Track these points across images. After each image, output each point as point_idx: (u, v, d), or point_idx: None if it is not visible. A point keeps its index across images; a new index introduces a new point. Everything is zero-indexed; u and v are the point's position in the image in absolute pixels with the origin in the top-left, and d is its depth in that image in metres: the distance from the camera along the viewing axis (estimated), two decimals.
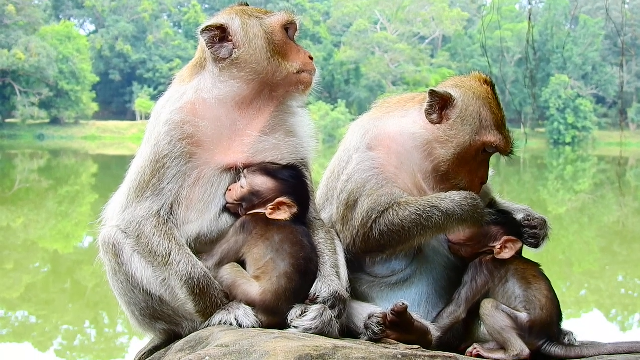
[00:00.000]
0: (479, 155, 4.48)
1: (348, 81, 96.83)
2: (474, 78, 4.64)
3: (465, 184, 4.47)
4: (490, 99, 4.51)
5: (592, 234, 27.54)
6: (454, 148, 4.41)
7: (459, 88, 4.53)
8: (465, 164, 4.45)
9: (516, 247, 4.45)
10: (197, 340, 3.91)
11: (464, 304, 4.41)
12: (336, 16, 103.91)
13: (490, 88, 4.57)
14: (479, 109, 4.44)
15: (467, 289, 4.42)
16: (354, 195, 4.47)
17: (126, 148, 65.96)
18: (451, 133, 4.42)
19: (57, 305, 16.64)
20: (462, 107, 4.43)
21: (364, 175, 4.46)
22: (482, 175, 4.54)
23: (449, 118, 4.44)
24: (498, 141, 4.45)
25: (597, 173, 56.50)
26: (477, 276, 4.43)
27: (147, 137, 4.44)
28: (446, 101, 4.44)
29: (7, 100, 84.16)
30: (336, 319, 4.12)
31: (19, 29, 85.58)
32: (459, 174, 4.46)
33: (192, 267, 4.11)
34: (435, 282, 4.61)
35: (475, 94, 4.48)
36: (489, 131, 4.43)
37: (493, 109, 4.48)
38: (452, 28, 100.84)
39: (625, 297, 19.00)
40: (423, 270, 4.60)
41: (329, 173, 4.83)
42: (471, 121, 4.41)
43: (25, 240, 23.70)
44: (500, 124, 4.49)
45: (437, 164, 4.45)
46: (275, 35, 4.46)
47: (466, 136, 4.40)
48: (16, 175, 46.55)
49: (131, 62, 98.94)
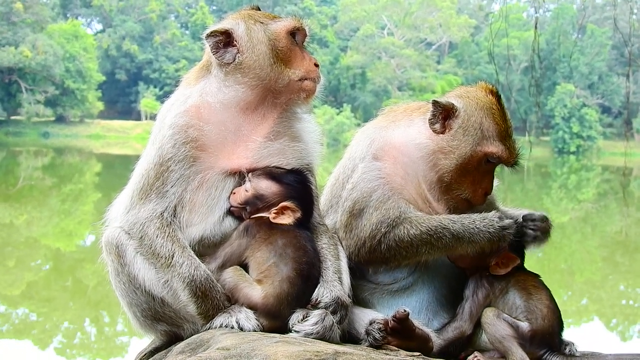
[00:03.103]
0: (482, 165, 4.45)
1: (354, 85, 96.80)
2: (479, 88, 4.60)
3: (469, 195, 4.46)
4: (494, 109, 4.47)
5: (594, 244, 27.53)
6: (456, 159, 4.39)
7: (463, 98, 4.50)
8: (468, 174, 4.43)
9: (512, 264, 4.43)
10: (198, 342, 3.92)
11: (468, 319, 4.40)
12: (343, 20, 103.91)
13: (496, 98, 4.53)
14: (482, 119, 4.41)
15: (470, 304, 4.41)
16: (360, 204, 4.47)
17: (130, 148, 66.03)
18: (453, 143, 4.40)
19: (58, 303, 16.67)
20: (464, 118, 4.41)
21: (370, 185, 4.45)
22: (486, 185, 4.52)
23: (452, 128, 4.42)
24: (500, 152, 4.42)
25: (601, 183, 56.45)
26: (477, 290, 4.42)
27: (152, 139, 4.45)
28: (449, 111, 4.42)
29: (13, 97, 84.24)
30: (337, 325, 4.12)
31: (26, 27, 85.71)
32: (462, 184, 4.45)
33: (194, 270, 4.12)
34: (437, 290, 4.60)
35: (478, 104, 4.46)
36: (491, 142, 4.40)
37: (496, 119, 4.45)
38: (459, 35, 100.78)
39: (626, 307, 18.99)
40: (425, 278, 4.60)
41: (333, 180, 4.82)
42: (473, 132, 4.39)
43: (28, 238, 23.74)
44: (503, 134, 4.46)
45: (441, 175, 4.44)
46: (279, 42, 4.43)
47: (467, 147, 4.38)
48: (20, 172, 46.66)
49: (137, 62, 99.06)
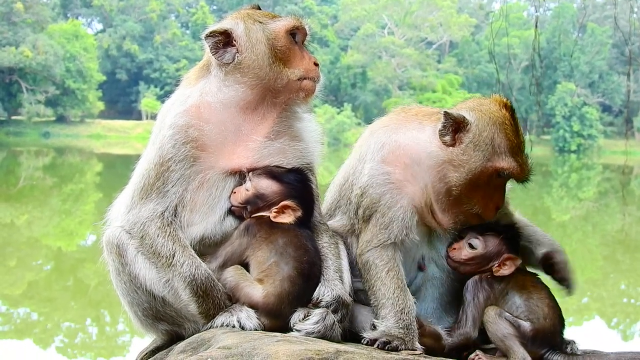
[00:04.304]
0: (493, 180, 4.36)
1: (354, 85, 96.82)
2: (493, 101, 4.47)
3: (479, 210, 4.39)
4: (506, 124, 4.35)
5: (595, 242, 27.52)
6: (466, 173, 4.30)
7: (475, 111, 4.38)
8: (479, 189, 4.35)
9: (515, 265, 4.43)
10: (199, 341, 3.92)
11: (472, 324, 4.38)
12: (344, 20, 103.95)
13: (509, 113, 4.40)
14: (493, 134, 4.31)
15: (472, 307, 4.40)
16: (369, 210, 4.44)
17: (131, 147, 66.01)
18: (463, 158, 4.30)
19: (59, 303, 16.68)
20: (475, 132, 4.30)
21: (379, 190, 4.40)
22: (497, 200, 4.44)
23: (462, 142, 4.31)
24: (511, 168, 4.32)
25: (601, 181, 56.43)
26: (478, 292, 4.41)
27: (153, 139, 4.46)
28: (459, 124, 4.31)
29: (14, 97, 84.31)
30: (339, 323, 4.13)
31: (26, 27, 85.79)
32: (472, 198, 4.37)
33: (195, 269, 4.12)
34: (441, 297, 4.60)
35: (491, 118, 4.34)
36: (502, 157, 4.30)
37: (509, 134, 4.33)
38: (460, 34, 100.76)
39: (627, 306, 19.00)
40: (428, 285, 4.60)
41: (342, 180, 4.76)
42: (484, 147, 4.29)
43: (29, 238, 23.76)
44: (515, 150, 4.35)
45: (450, 187, 4.35)
46: (278, 41, 4.41)
47: (478, 162, 4.28)
48: (21, 172, 46.68)
49: (138, 61, 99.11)
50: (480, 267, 4.46)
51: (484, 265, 4.45)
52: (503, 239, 4.46)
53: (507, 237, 4.48)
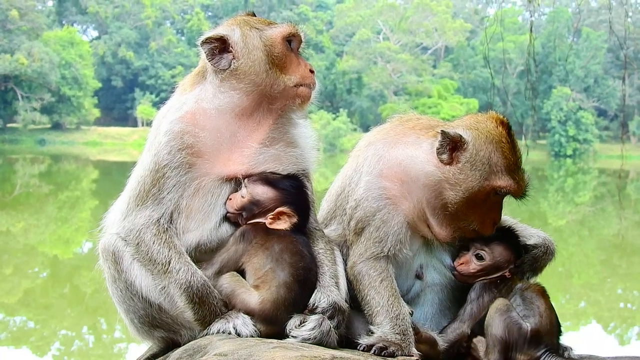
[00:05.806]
0: (490, 198, 4.37)
1: (350, 90, 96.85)
2: (489, 119, 4.46)
3: (477, 226, 4.40)
4: (503, 142, 4.35)
5: (592, 247, 27.54)
6: (463, 192, 4.30)
7: (472, 130, 4.37)
8: (476, 206, 4.35)
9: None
10: (196, 348, 3.92)
11: (468, 320, 4.41)
12: (339, 25, 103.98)
13: (506, 130, 4.41)
14: (490, 154, 4.30)
15: (474, 305, 4.43)
16: (362, 222, 4.45)
17: (127, 154, 65.99)
18: (460, 177, 4.30)
19: (56, 311, 16.63)
20: (472, 152, 4.30)
21: (375, 204, 4.41)
22: (495, 216, 4.45)
23: (459, 161, 4.31)
24: (509, 186, 4.33)
25: (597, 186, 56.52)
26: (484, 293, 4.44)
27: (148, 146, 4.46)
28: (456, 143, 4.31)
29: (9, 105, 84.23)
30: (335, 330, 4.12)
31: (21, 34, 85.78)
32: (469, 216, 4.37)
33: (191, 276, 4.12)
34: (441, 302, 4.61)
35: (488, 137, 4.34)
36: (499, 176, 4.30)
37: (505, 153, 4.34)
38: (455, 39, 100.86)
39: (624, 310, 18.99)
40: (428, 291, 4.60)
41: (339, 190, 4.76)
42: (480, 167, 4.29)
43: (25, 245, 23.70)
44: (512, 168, 4.36)
45: (445, 205, 4.35)
46: (275, 48, 4.43)
47: (475, 182, 4.28)
48: (17, 179, 46.57)
49: (133, 68, 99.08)
50: (489, 275, 4.50)
51: (493, 273, 4.49)
52: (509, 246, 4.50)
53: (511, 242, 4.52)
